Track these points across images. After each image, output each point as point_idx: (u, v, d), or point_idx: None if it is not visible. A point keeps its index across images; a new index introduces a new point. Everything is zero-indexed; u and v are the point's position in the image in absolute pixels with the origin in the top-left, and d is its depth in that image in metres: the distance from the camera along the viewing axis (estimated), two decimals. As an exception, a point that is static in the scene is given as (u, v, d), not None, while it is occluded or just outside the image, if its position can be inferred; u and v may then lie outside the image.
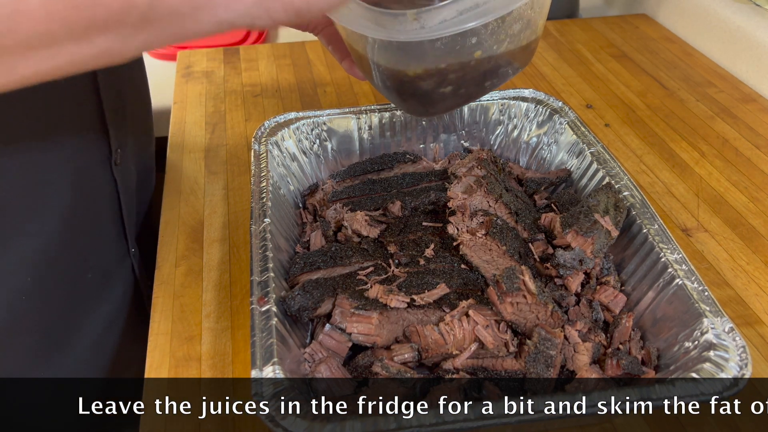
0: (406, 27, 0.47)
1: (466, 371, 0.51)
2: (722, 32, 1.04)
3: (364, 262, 0.59)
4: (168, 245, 0.70)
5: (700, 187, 0.78)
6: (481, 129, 0.77)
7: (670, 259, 0.54)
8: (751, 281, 0.65)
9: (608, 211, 0.58)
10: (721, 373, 0.45)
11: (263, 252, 0.55)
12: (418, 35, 0.47)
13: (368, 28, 0.48)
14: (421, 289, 0.55)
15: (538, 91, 0.76)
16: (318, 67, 1.06)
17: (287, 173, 0.69)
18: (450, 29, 0.46)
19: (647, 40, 1.14)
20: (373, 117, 0.74)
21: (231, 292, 0.64)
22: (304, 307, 0.53)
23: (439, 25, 0.46)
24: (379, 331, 0.53)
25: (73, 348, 0.64)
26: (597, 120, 0.92)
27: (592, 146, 0.68)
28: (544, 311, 0.52)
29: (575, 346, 0.52)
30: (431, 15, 0.46)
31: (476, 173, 0.64)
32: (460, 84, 0.54)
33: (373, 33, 0.48)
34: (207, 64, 1.08)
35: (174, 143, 0.88)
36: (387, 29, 0.47)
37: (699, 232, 0.72)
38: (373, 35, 0.49)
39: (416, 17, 0.46)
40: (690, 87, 0.99)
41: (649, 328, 0.54)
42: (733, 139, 0.87)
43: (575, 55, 1.09)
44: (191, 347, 0.59)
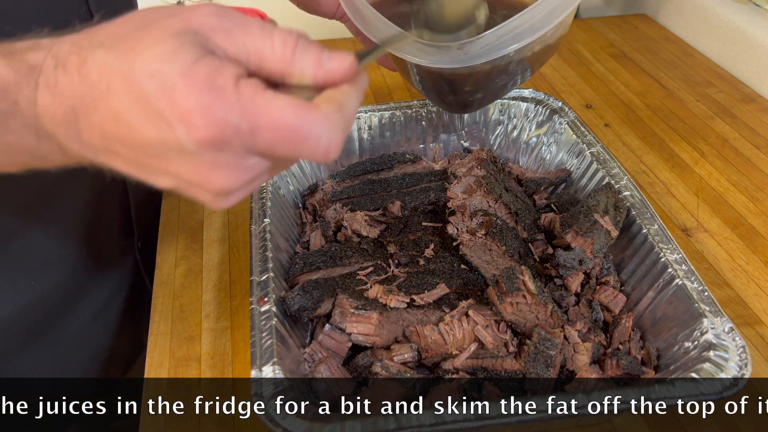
0: (452, 55, 0.52)
1: (465, 371, 0.51)
2: (722, 32, 1.04)
3: (364, 262, 0.59)
4: (168, 245, 0.70)
5: (700, 187, 0.78)
6: (481, 129, 0.77)
7: (669, 259, 0.54)
8: (750, 281, 0.65)
9: (608, 211, 0.58)
10: (721, 373, 0.45)
11: (263, 252, 0.55)
12: (464, 62, 0.52)
13: (415, 56, 0.53)
14: (421, 289, 0.55)
15: (538, 91, 0.76)
16: (318, 67, 1.06)
17: (287, 173, 0.69)
18: (492, 54, 0.51)
19: (647, 40, 1.14)
20: (373, 117, 0.74)
21: (231, 292, 0.64)
22: (303, 308, 0.53)
23: (482, 50, 0.51)
24: (378, 331, 0.53)
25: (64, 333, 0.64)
26: (597, 120, 0.92)
27: (591, 146, 0.68)
28: (544, 311, 0.52)
29: (575, 346, 0.52)
30: (474, 45, 0.51)
31: (476, 173, 0.64)
32: (493, 85, 0.60)
33: (420, 61, 0.52)
34: (207, 64, 1.08)
35: (174, 143, 0.88)
36: (433, 57, 0.52)
37: (699, 232, 0.72)
38: (420, 63, 0.53)
39: (460, 47, 0.51)
40: (690, 87, 0.99)
41: (648, 328, 0.54)
42: (733, 139, 0.87)
43: (575, 55, 1.09)
44: (191, 347, 0.59)
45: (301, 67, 0.33)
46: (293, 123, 0.31)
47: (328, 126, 0.32)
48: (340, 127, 0.32)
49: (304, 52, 0.33)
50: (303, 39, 0.33)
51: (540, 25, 0.50)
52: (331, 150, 0.32)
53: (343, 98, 0.33)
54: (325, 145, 0.32)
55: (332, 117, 0.32)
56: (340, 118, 0.32)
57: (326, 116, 0.32)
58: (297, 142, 0.31)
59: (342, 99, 0.33)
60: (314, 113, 0.31)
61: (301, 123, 0.31)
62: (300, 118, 0.31)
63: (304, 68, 0.33)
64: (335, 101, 0.33)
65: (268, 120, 0.30)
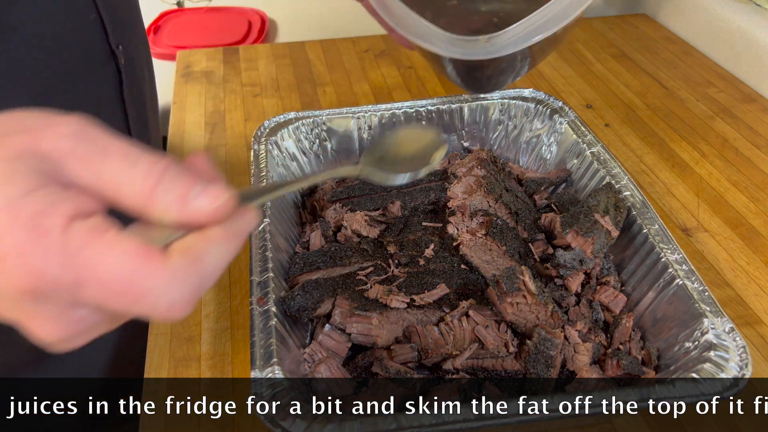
0: (479, 47, 0.56)
1: (466, 371, 0.51)
2: (722, 32, 1.04)
3: (364, 263, 0.59)
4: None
5: (700, 187, 0.78)
6: (481, 129, 0.77)
7: (670, 259, 0.54)
8: (751, 281, 0.65)
9: (608, 211, 0.58)
10: (721, 373, 0.45)
11: (263, 252, 0.55)
12: (490, 53, 0.56)
13: (443, 48, 0.57)
14: (421, 289, 0.55)
15: (538, 91, 0.76)
16: (318, 67, 1.06)
17: (287, 173, 0.69)
18: (519, 46, 0.55)
19: (647, 40, 1.14)
20: (372, 117, 0.74)
21: (231, 292, 0.64)
22: (303, 308, 0.53)
23: (508, 42, 0.55)
24: (378, 332, 0.53)
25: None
26: (597, 120, 0.92)
27: (592, 146, 0.68)
28: (544, 311, 0.52)
29: (575, 346, 0.52)
30: (501, 38, 0.55)
31: (476, 173, 0.64)
32: (514, 66, 0.64)
33: (449, 53, 0.55)
34: (206, 63, 1.08)
35: (173, 143, 0.88)
36: (461, 49, 0.56)
37: (699, 232, 0.72)
38: (449, 55, 0.56)
39: (488, 40, 0.55)
40: (690, 87, 0.99)
41: (649, 329, 0.54)
42: (733, 139, 0.87)
43: (575, 55, 1.09)
44: (191, 347, 0.59)
45: (163, 204, 0.28)
46: (126, 278, 0.27)
47: (172, 283, 0.27)
48: (191, 284, 0.28)
49: (169, 187, 0.28)
50: (171, 170, 0.29)
51: (561, 17, 0.55)
52: (175, 309, 0.28)
53: (204, 247, 0.29)
54: (166, 305, 0.27)
55: (180, 272, 0.28)
56: (192, 273, 0.28)
57: (172, 271, 0.27)
58: (129, 299, 0.27)
59: (202, 248, 0.28)
60: (155, 267, 0.27)
61: (135, 279, 0.27)
62: (136, 272, 0.27)
63: (167, 206, 0.28)
64: (191, 252, 0.28)
65: (96, 274, 0.26)
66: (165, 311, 0.28)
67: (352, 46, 1.12)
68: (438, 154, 0.47)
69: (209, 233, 0.29)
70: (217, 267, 0.29)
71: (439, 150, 0.47)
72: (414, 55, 1.08)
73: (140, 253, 0.27)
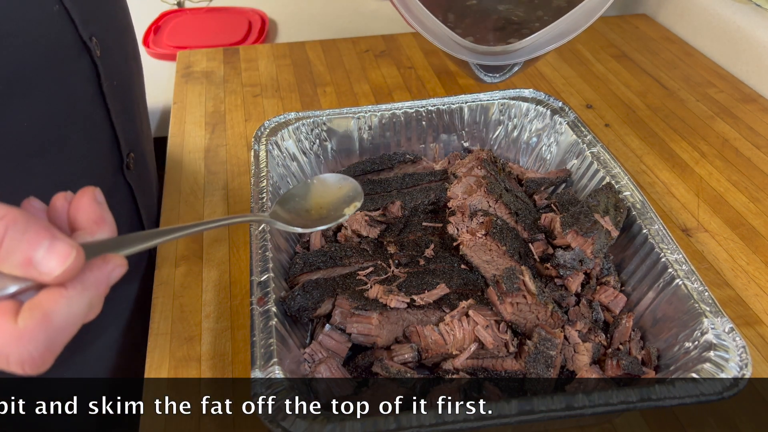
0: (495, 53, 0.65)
1: (466, 371, 0.51)
2: (722, 32, 1.04)
3: (364, 263, 0.59)
4: (168, 245, 0.70)
5: (700, 187, 0.78)
6: (481, 129, 0.77)
7: (670, 259, 0.54)
8: (751, 281, 0.65)
9: (608, 212, 0.58)
10: (721, 373, 0.45)
11: (263, 252, 0.55)
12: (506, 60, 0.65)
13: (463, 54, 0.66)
14: (421, 290, 0.55)
15: (538, 91, 0.76)
16: (318, 67, 1.06)
17: (287, 173, 0.69)
18: (535, 53, 0.59)
19: (647, 40, 1.14)
20: (372, 117, 0.74)
21: (231, 293, 0.64)
22: (304, 308, 0.53)
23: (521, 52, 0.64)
24: (379, 332, 0.53)
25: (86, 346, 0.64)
26: (597, 120, 0.92)
27: (592, 146, 0.68)
28: (544, 311, 0.52)
29: (575, 346, 0.52)
30: (517, 44, 0.62)
31: (476, 173, 0.64)
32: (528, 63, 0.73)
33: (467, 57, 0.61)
34: (207, 64, 1.08)
35: (174, 143, 0.88)
36: (480, 54, 0.64)
37: (699, 232, 0.72)
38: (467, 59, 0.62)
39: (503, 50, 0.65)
40: (690, 87, 0.99)
41: (649, 329, 0.54)
42: (733, 139, 0.87)
43: (575, 55, 1.09)
44: (191, 347, 0.59)
45: (8, 267, 0.28)
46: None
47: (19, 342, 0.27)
48: (40, 342, 0.28)
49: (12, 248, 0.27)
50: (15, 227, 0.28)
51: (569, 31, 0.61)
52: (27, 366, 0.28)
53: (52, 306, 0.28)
54: (17, 362, 0.28)
55: (28, 332, 0.27)
56: (40, 332, 0.28)
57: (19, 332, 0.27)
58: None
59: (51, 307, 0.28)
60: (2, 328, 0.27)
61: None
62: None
63: (13, 267, 0.28)
64: (39, 310, 0.28)
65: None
66: (17, 368, 0.28)
67: (352, 46, 1.12)
68: (350, 208, 0.48)
69: (59, 291, 0.28)
70: (69, 323, 0.29)
71: (352, 204, 0.49)
72: (414, 56, 1.08)
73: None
